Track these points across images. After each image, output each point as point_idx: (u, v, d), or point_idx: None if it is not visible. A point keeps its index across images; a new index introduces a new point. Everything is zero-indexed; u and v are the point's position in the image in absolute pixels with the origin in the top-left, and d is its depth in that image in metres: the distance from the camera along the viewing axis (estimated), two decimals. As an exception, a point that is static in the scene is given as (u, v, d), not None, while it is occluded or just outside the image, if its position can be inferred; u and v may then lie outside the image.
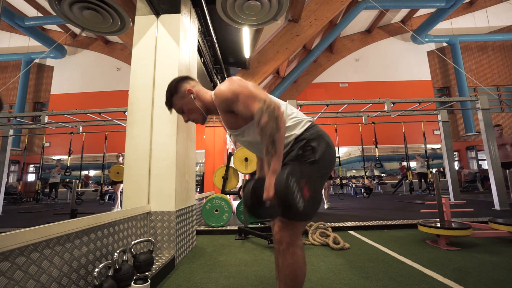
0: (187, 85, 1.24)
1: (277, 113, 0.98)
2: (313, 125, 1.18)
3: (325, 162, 1.13)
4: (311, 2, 6.22)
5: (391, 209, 5.20)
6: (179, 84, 1.25)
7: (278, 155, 0.98)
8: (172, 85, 1.25)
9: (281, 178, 0.86)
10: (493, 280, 1.70)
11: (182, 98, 1.24)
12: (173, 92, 1.24)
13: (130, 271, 1.53)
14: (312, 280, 1.79)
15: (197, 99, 1.23)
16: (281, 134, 0.98)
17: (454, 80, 12.12)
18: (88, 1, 2.33)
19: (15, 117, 6.08)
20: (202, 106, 1.23)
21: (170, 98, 1.25)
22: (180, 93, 1.23)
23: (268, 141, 0.98)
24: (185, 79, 1.27)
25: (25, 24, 9.90)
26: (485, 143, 5.02)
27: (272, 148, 0.97)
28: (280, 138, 0.98)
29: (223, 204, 3.66)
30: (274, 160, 0.98)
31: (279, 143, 0.98)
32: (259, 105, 1.02)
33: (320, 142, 1.13)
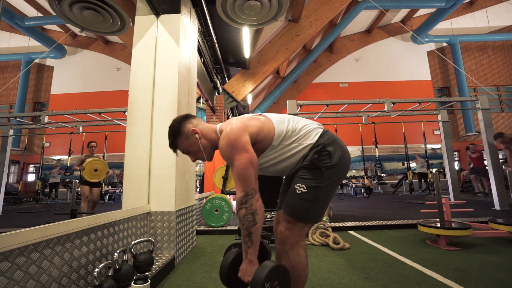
0: (190, 126, 1.20)
1: (254, 206, 1.02)
2: (325, 131, 1.20)
3: (342, 167, 1.14)
4: (311, 2, 6.22)
5: (391, 209, 5.20)
6: (181, 125, 1.20)
7: (254, 245, 1.03)
8: (174, 127, 1.20)
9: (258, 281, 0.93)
10: (493, 280, 1.70)
11: (187, 139, 1.19)
12: (176, 134, 1.20)
13: (130, 271, 1.53)
14: (312, 280, 1.79)
15: (202, 139, 1.20)
16: (257, 227, 1.02)
17: (454, 80, 12.12)
18: (88, 1, 2.33)
19: (15, 117, 6.08)
20: (208, 144, 1.21)
21: (174, 141, 1.20)
22: (184, 135, 1.19)
23: (245, 233, 1.02)
24: (187, 119, 1.22)
25: (25, 24, 9.90)
26: (485, 143, 5.02)
27: (249, 239, 1.02)
28: (256, 231, 1.02)
29: (223, 204, 3.66)
30: (250, 250, 1.02)
31: (256, 236, 1.02)
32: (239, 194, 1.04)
33: (336, 147, 1.14)
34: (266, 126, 1.14)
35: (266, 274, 0.93)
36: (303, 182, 1.11)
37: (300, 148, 1.14)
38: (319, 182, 1.10)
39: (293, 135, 1.15)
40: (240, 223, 1.04)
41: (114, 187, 10.10)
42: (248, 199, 1.02)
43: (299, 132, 1.16)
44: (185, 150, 1.22)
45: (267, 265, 0.96)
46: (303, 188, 1.10)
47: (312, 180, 1.10)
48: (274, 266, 0.97)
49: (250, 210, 1.02)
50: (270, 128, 1.14)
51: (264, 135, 1.13)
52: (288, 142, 1.14)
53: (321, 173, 1.10)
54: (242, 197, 1.03)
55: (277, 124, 1.16)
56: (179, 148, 1.22)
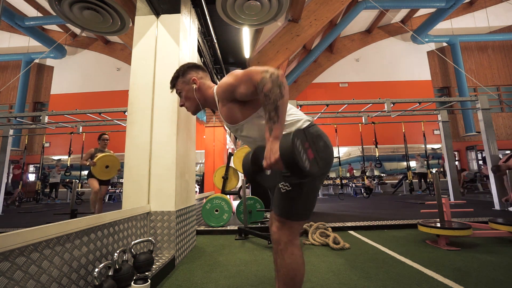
0: (194, 74, 1.29)
1: (281, 79, 0.97)
2: (312, 125, 1.17)
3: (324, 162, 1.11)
4: (311, 2, 6.22)
5: (391, 209, 5.20)
6: (188, 69, 1.29)
7: (281, 121, 0.96)
8: (182, 67, 1.30)
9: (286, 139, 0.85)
10: (493, 280, 1.70)
11: (185, 84, 1.28)
12: (180, 74, 1.29)
13: (130, 271, 1.53)
14: (312, 280, 1.79)
15: (198, 90, 1.27)
16: (285, 100, 0.97)
17: (454, 80, 12.12)
18: (88, 1, 2.33)
19: (15, 117, 6.08)
20: (200, 98, 1.27)
21: (176, 79, 1.30)
22: (185, 78, 1.28)
23: (271, 107, 0.96)
24: (196, 68, 1.31)
25: (25, 24, 9.90)
26: (485, 143, 5.02)
27: (275, 114, 0.95)
28: (283, 105, 0.96)
29: (223, 204, 3.66)
30: (276, 126, 0.95)
31: (282, 110, 0.96)
32: (262, 75, 1.00)
33: (319, 141, 1.12)
34: None
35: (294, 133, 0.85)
36: (287, 180, 1.10)
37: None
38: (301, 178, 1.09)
39: None
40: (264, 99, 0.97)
41: (114, 187, 10.10)
42: (273, 73, 0.98)
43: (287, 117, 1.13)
44: (178, 91, 1.31)
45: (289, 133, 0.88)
46: (287, 186, 1.10)
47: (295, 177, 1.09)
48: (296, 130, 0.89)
49: (277, 82, 0.96)
50: None
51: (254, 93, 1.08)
52: None
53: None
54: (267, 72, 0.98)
55: None
56: (176, 87, 1.31)
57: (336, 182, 10.55)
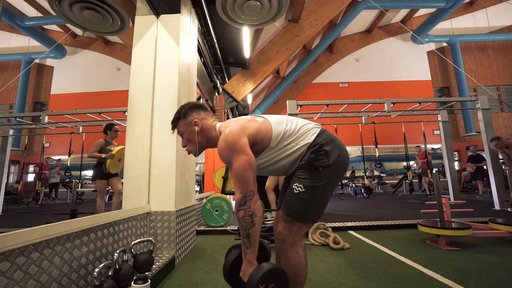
0: (196, 116, 1.24)
1: (252, 208, 1.03)
2: (323, 131, 1.20)
3: (339, 166, 1.14)
4: (311, 2, 6.22)
5: (391, 209, 5.20)
6: (189, 111, 1.25)
7: (253, 247, 1.03)
8: (183, 108, 1.26)
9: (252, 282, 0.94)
10: (493, 280, 1.70)
11: (186, 126, 1.24)
12: (181, 116, 1.25)
13: (130, 271, 1.53)
14: (312, 280, 1.79)
15: (200, 134, 1.23)
16: (256, 228, 1.03)
17: (454, 80, 12.11)
18: (88, 1, 2.33)
19: (15, 117, 6.08)
20: (202, 140, 1.24)
21: (177, 121, 1.26)
22: (187, 121, 1.24)
23: (243, 234, 1.03)
24: (198, 108, 1.27)
25: (25, 24, 9.89)
26: (485, 143, 5.02)
27: (247, 241, 1.03)
28: (254, 232, 1.03)
29: (223, 204, 3.66)
30: (249, 251, 1.03)
31: (254, 237, 1.03)
32: (237, 195, 1.05)
33: (334, 146, 1.14)
34: (264, 127, 1.15)
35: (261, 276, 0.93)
36: (301, 181, 1.11)
37: (296, 148, 1.14)
38: (316, 182, 1.10)
39: (291, 135, 1.16)
40: (239, 224, 1.05)
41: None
42: (246, 201, 1.03)
43: (297, 133, 1.16)
44: (180, 132, 1.28)
45: (263, 267, 0.97)
46: (300, 187, 1.10)
47: (310, 180, 1.10)
48: (271, 268, 0.97)
49: (249, 212, 1.02)
50: (268, 129, 1.15)
51: (262, 136, 1.13)
52: (286, 142, 1.15)
53: (318, 172, 1.10)
54: (241, 198, 1.04)
55: (275, 125, 1.17)
56: (177, 129, 1.28)
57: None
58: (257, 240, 1.05)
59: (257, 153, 1.16)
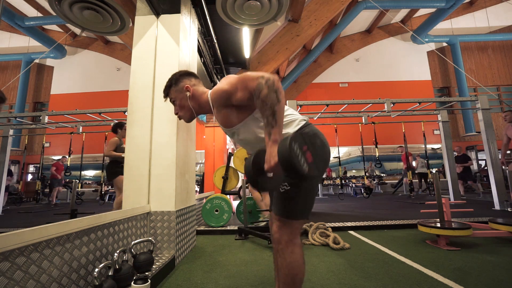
0: (187, 81, 1.27)
1: (277, 85, 1.00)
2: (307, 124, 1.18)
3: (322, 160, 1.13)
4: (311, 2, 6.22)
5: (391, 209, 5.20)
6: (180, 77, 1.28)
7: (279, 125, 0.99)
8: (174, 76, 1.29)
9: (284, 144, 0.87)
10: (493, 280, 1.70)
11: (178, 92, 1.26)
12: (172, 83, 1.28)
13: (130, 271, 1.53)
14: (312, 280, 1.79)
15: (192, 98, 1.25)
16: (281, 105, 1.00)
17: (454, 80, 12.12)
18: (88, 1, 2.33)
19: (15, 117, 6.08)
20: (194, 105, 1.25)
21: (168, 88, 1.29)
22: (178, 87, 1.27)
23: (268, 113, 0.99)
24: (189, 75, 1.30)
25: (25, 24, 9.89)
26: (485, 143, 5.02)
27: (273, 119, 0.98)
28: (280, 110, 0.99)
29: (223, 204, 3.66)
30: (275, 130, 0.98)
31: (279, 115, 0.99)
32: (258, 81, 1.02)
33: (315, 140, 1.13)
34: None
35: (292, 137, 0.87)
36: (285, 179, 1.10)
37: None
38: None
39: None
40: (261, 104, 1.01)
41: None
42: (269, 79, 1.01)
43: None
44: (172, 99, 1.29)
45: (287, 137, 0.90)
46: (285, 185, 1.10)
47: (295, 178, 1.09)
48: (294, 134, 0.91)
49: (273, 88, 0.99)
50: None
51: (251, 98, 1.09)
52: None
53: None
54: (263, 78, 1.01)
55: None
56: (169, 96, 1.29)
57: (336, 182, 10.56)
58: (282, 118, 1.01)
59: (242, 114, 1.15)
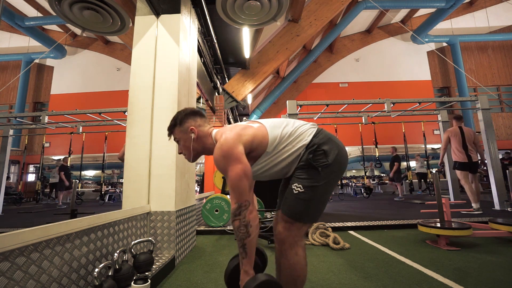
0: (192, 123, 1.24)
1: (248, 218, 1.02)
2: (319, 130, 1.19)
3: (338, 165, 1.14)
4: (311, 2, 6.22)
5: (391, 209, 5.20)
6: (186, 117, 1.24)
7: (249, 257, 1.03)
8: (180, 115, 1.26)
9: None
10: (493, 280, 1.70)
11: (183, 133, 1.24)
12: (177, 123, 1.24)
13: (130, 271, 1.53)
14: (312, 280, 1.79)
15: (196, 141, 1.23)
16: (251, 239, 1.02)
17: (454, 80, 12.12)
18: (88, 1, 2.33)
19: (15, 117, 6.08)
20: (198, 147, 1.24)
21: (173, 127, 1.26)
22: (183, 128, 1.23)
23: (239, 244, 1.03)
24: (194, 115, 1.26)
25: (25, 24, 9.90)
26: (485, 143, 5.02)
27: (243, 251, 1.03)
28: (250, 242, 1.02)
29: (223, 204, 3.66)
30: (245, 261, 1.03)
31: (250, 247, 1.03)
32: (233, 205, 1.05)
33: (332, 145, 1.14)
34: (260, 133, 1.15)
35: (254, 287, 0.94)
36: (300, 182, 1.11)
37: (294, 150, 1.14)
38: (316, 182, 1.10)
39: (287, 138, 1.15)
40: (234, 234, 1.05)
41: (114, 187, 10.10)
42: (241, 211, 1.03)
43: (293, 135, 1.16)
44: (176, 139, 1.27)
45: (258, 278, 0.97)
46: (300, 188, 1.10)
47: (309, 180, 1.10)
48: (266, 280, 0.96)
49: (244, 222, 1.02)
50: (264, 135, 1.15)
51: (258, 142, 1.13)
52: (283, 146, 1.14)
53: (317, 172, 1.10)
54: (236, 209, 1.04)
55: (271, 130, 1.16)
56: (174, 135, 1.28)
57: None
58: (253, 250, 1.04)
59: (254, 160, 1.16)
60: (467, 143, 4.46)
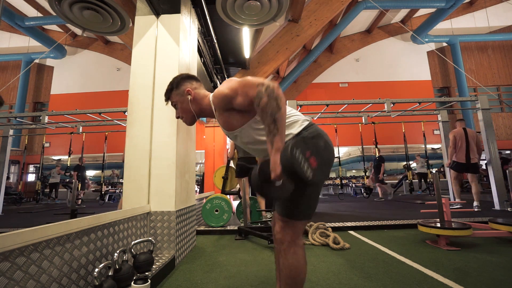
0: (188, 85, 1.27)
1: (276, 92, 0.99)
2: (311, 124, 1.17)
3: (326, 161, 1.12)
4: (311, 2, 6.22)
5: (391, 209, 5.20)
6: (182, 81, 1.28)
7: (280, 133, 0.97)
8: (176, 79, 1.29)
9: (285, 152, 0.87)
10: (493, 280, 1.70)
11: (180, 96, 1.27)
12: (173, 86, 1.28)
13: (130, 271, 1.53)
14: (312, 280, 1.79)
15: (193, 102, 1.25)
16: (282, 112, 0.98)
17: (454, 80, 12.12)
18: (88, 1, 2.33)
19: (15, 117, 6.08)
20: (196, 109, 1.26)
21: (169, 91, 1.29)
22: (179, 90, 1.27)
23: (269, 121, 0.98)
24: (190, 78, 1.30)
25: (25, 24, 9.90)
26: (485, 143, 5.02)
27: (274, 127, 0.97)
28: (281, 117, 0.98)
29: (223, 204, 3.66)
30: (277, 138, 0.97)
31: (281, 122, 0.98)
32: (257, 89, 1.01)
33: (319, 141, 1.11)
34: None
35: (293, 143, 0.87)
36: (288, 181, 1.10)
37: None
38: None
39: None
40: (262, 113, 0.99)
41: (114, 187, 10.10)
42: (268, 87, 0.99)
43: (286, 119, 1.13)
44: (174, 103, 1.30)
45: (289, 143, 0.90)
46: None
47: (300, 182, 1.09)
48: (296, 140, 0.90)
49: (273, 95, 0.98)
50: None
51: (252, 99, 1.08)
52: None
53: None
54: (263, 85, 1.00)
55: None
56: (171, 99, 1.30)
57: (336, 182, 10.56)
58: (284, 126, 1.00)
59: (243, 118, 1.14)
60: (470, 145, 4.64)
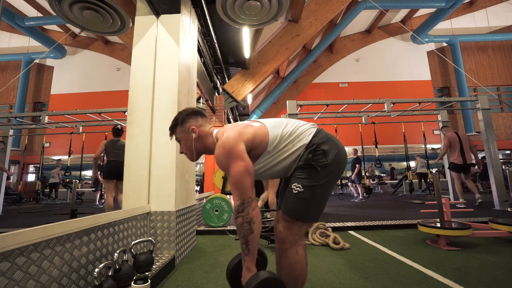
0: (193, 122, 1.24)
1: (251, 215, 1.03)
2: (319, 130, 1.20)
3: (337, 165, 1.14)
4: (311, 2, 6.22)
5: (391, 209, 5.20)
6: (187, 117, 1.25)
7: (252, 254, 1.04)
8: (181, 115, 1.26)
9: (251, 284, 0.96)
10: (493, 280, 1.70)
11: (184, 133, 1.24)
12: (178, 122, 1.25)
13: (130, 271, 1.53)
14: (312, 280, 1.79)
15: (198, 140, 1.23)
16: (254, 235, 1.03)
17: (454, 80, 12.12)
18: (88, 1, 2.33)
19: (15, 117, 6.08)
20: (199, 147, 1.24)
21: (174, 127, 1.27)
22: (184, 127, 1.24)
23: (242, 241, 1.04)
24: (195, 115, 1.27)
25: (25, 24, 9.90)
26: (485, 143, 5.03)
27: (246, 248, 1.03)
28: (253, 239, 1.03)
29: (223, 204, 3.66)
30: (248, 258, 1.03)
31: (253, 244, 1.03)
32: (236, 202, 1.05)
33: (331, 145, 1.14)
34: (261, 132, 1.16)
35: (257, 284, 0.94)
36: (300, 181, 1.11)
37: (294, 150, 1.14)
38: (315, 181, 1.10)
39: (288, 138, 1.16)
40: (237, 231, 1.05)
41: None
42: (244, 208, 1.03)
43: (293, 134, 1.17)
44: (178, 139, 1.28)
45: (260, 275, 0.97)
46: (299, 187, 1.11)
47: (308, 179, 1.11)
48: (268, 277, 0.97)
49: (247, 218, 1.02)
50: (265, 134, 1.16)
51: (259, 141, 1.14)
52: (283, 145, 1.15)
53: (317, 172, 1.10)
54: (239, 205, 1.04)
55: (272, 129, 1.17)
56: (175, 135, 1.28)
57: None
58: (256, 247, 1.05)
59: (254, 159, 1.17)
60: (464, 147, 5.01)
